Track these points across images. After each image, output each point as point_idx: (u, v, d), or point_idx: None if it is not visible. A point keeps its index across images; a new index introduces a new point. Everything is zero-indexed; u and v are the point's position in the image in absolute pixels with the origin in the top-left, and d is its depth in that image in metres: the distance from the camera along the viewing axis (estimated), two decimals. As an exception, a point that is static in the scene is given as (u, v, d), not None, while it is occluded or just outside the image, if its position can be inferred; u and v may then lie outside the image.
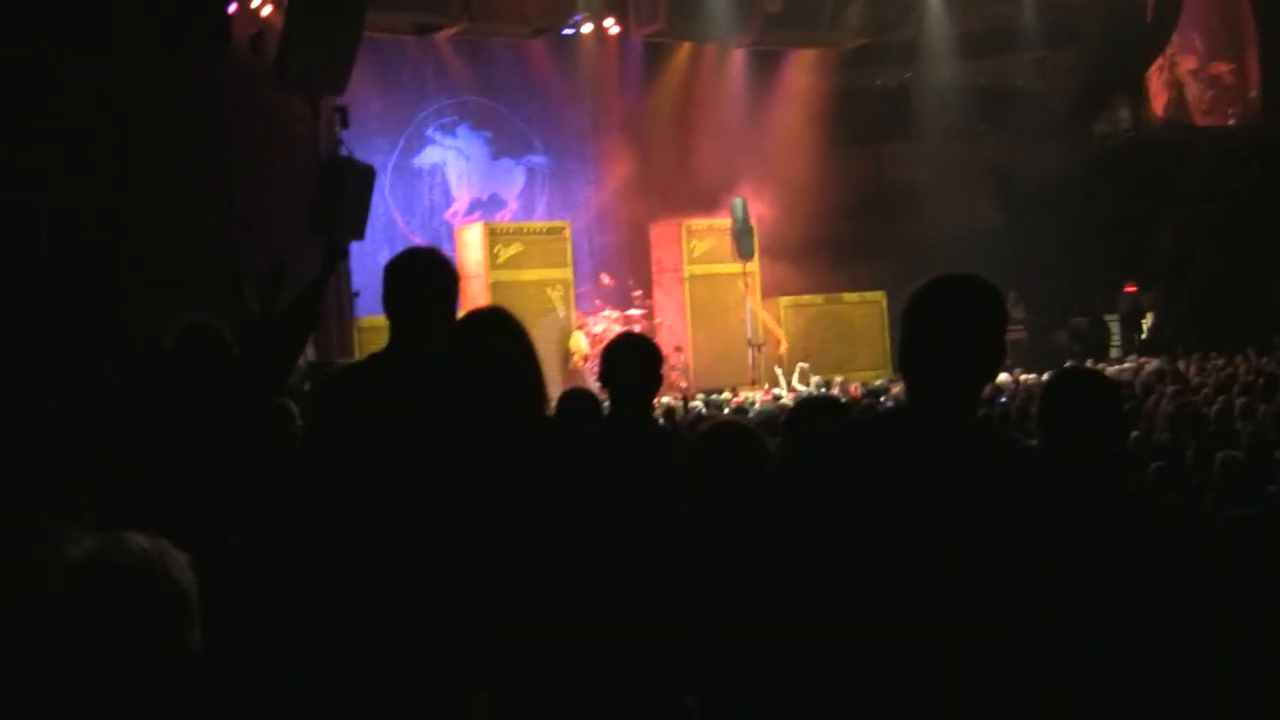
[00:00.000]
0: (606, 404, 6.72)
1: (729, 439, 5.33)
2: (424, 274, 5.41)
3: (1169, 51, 32.22)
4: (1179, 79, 32.98)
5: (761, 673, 3.95)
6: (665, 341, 24.26)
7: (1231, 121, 32.88)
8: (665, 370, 6.86)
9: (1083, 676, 3.68)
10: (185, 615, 2.58)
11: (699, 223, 25.88)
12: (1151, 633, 4.17)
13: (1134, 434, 12.39)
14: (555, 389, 5.56)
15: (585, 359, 23.30)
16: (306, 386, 14.02)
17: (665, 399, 20.15)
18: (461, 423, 4.77)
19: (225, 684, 2.80)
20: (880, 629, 3.46)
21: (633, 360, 6.51)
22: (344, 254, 7.00)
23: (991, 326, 3.98)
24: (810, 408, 6.48)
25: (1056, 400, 4.59)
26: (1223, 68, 33.16)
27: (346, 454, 5.17)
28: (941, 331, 3.91)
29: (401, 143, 25.54)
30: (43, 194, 17.11)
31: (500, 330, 4.88)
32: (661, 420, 6.87)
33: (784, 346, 26.07)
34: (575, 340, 24.08)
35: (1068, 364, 22.97)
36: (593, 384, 22.29)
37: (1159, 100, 32.78)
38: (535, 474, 4.69)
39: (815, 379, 24.26)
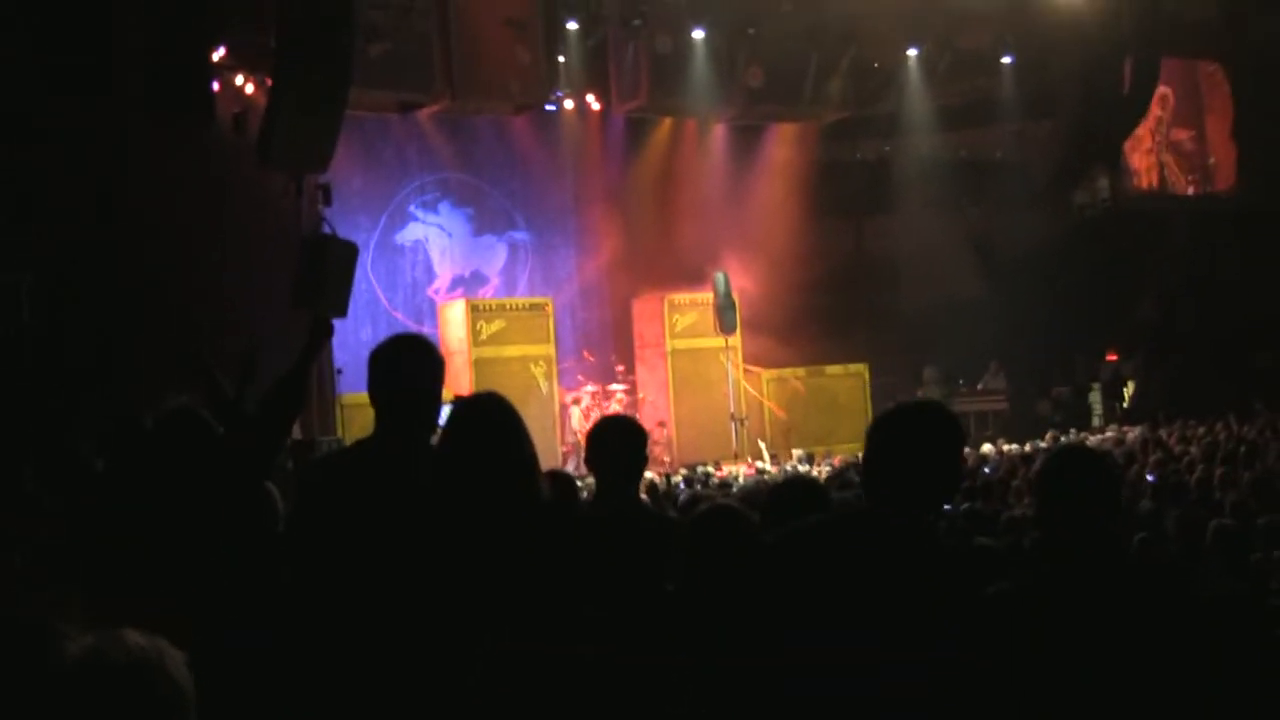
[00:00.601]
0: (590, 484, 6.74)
1: (723, 525, 5.34)
2: (410, 362, 5.42)
3: (1145, 122, 32.44)
4: (1153, 147, 33.21)
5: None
6: (648, 416, 24.30)
7: (1191, 190, 33.09)
8: (649, 447, 6.88)
9: None
10: (182, 713, 2.59)
11: (681, 297, 25.93)
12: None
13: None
14: (548, 465, 5.57)
15: (580, 436, 23.37)
16: (290, 464, 14.06)
17: (648, 474, 20.15)
18: (457, 510, 4.80)
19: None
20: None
21: (618, 441, 6.54)
22: (330, 332, 7.01)
23: (952, 450, 4.51)
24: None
25: (1052, 477, 4.62)
26: (1183, 134, 33.40)
27: (334, 541, 5.19)
28: (906, 454, 4.40)
29: (384, 219, 25.59)
30: (25, 269, 17.15)
31: (494, 417, 4.91)
32: (645, 496, 6.90)
33: (781, 415, 26.11)
34: (577, 418, 24.11)
35: (1050, 435, 23.05)
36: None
37: (1137, 170, 32.98)
38: (527, 556, 4.71)
39: (798, 452, 24.28)
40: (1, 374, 17.15)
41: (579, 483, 17.39)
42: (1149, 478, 16.79)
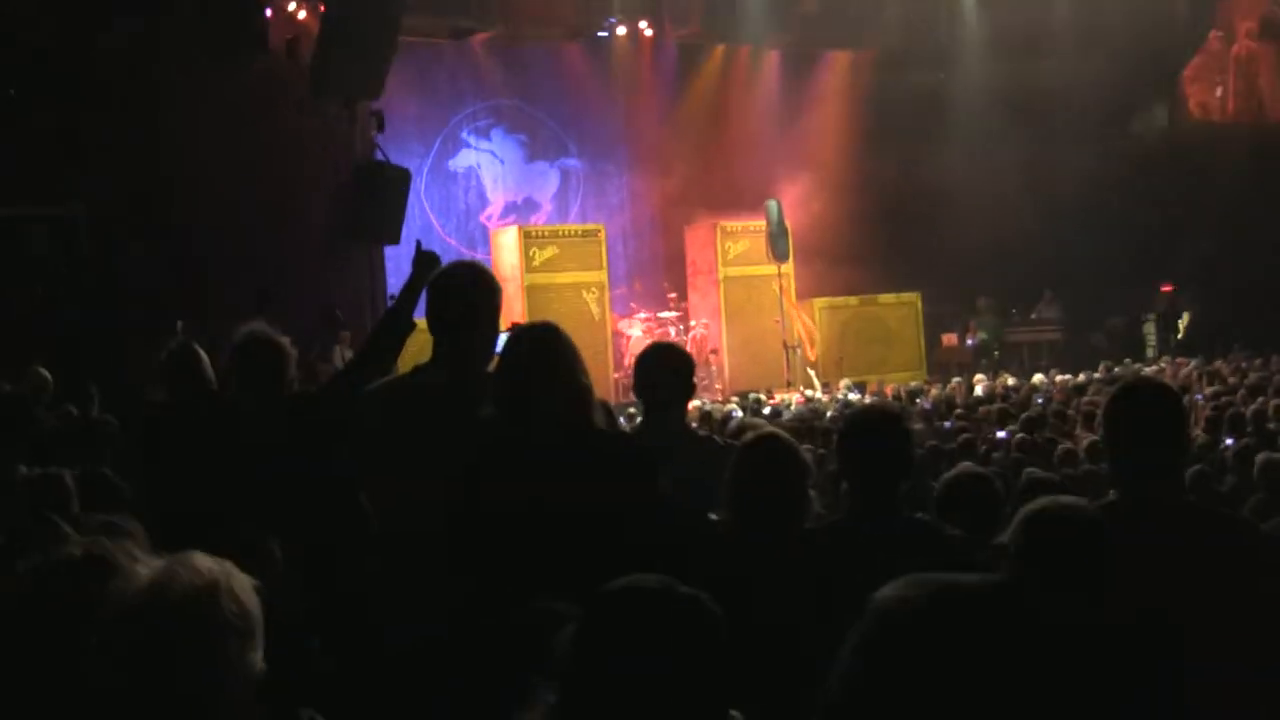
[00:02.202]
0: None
1: (767, 453, 5.34)
2: (470, 289, 5.42)
3: (1203, 50, 32.11)
4: (1211, 76, 32.86)
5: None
6: (701, 344, 24.28)
7: (1249, 118, 32.76)
8: (699, 374, 6.87)
9: None
10: (249, 636, 2.61)
11: (734, 224, 25.84)
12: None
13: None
14: (601, 393, 5.58)
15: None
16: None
17: (702, 400, 20.18)
18: (513, 438, 4.81)
19: (289, 703, 2.82)
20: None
21: (664, 368, 6.52)
22: (435, 262, 7.01)
23: (906, 451, 5.06)
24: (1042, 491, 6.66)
25: (1121, 410, 4.57)
26: (1242, 63, 33.00)
27: (396, 468, 5.21)
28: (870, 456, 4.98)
29: (437, 146, 25.60)
30: (79, 201, 17.23)
31: (550, 346, 4.91)
32: (697, 425, 6.89)
33: (814, 354, 26.01)
34: (638, 345, 24.03)
35: (1103, 366, 22.94)
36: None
37: (1194, 99, 32.67)
38: (584, 485, 4.72)
39: (845, 381, 24.23)
40: (63, 303, 17.27)
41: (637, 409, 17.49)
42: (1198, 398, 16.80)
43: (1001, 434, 14.34)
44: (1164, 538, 4.34)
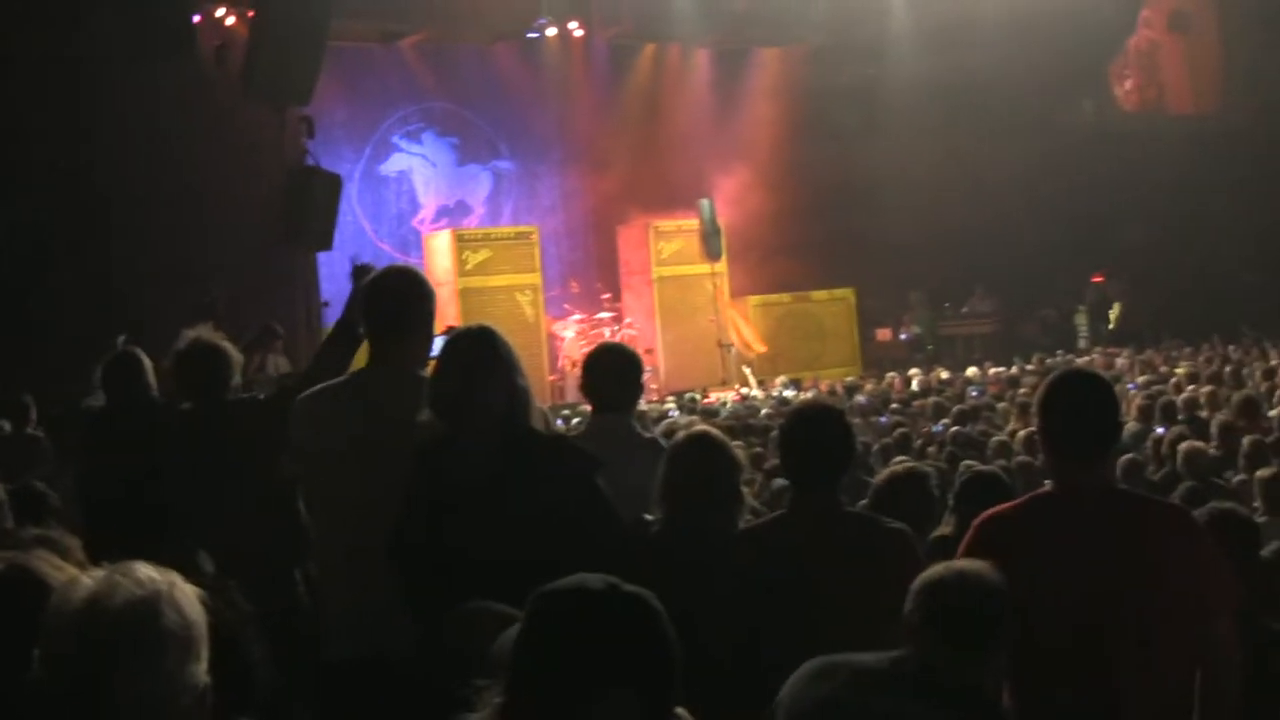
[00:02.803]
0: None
1: (701, 450, 5.38)
2: (404, 293, 5.42)
3: (1130, 40, 32.42)
4: (1139, 67, 33.18)
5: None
6: (634, 344, 24.28)
7: (1177, 110, 33.18)
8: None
9: None
10: (191, 647, 2.59)
11: (667, 224, 25.87)
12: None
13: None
14: (537, 395, 5.58)
15: (575, 365, 23.36)
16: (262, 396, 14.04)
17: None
18: (451, 442, 4.81)
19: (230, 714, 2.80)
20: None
21: (614, 369, 6.55)
22: (366, 272, 7.05)
23: (847, 445, 5.18)
24: (981, 485, 6.85)
25: (1055, 401, 4.61)
26: (1169, 54, 33.38)
27: (332, 475, 5.21)
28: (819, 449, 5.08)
29: (368, 150, 25.50)
30: (10, 212, 17.07)
31: (486, 350, 4.91)
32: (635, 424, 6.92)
33: (754, 351, 26.08)
34: (571, 345, 24.06)
35: (1036, 358, 23.09)
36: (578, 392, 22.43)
37: (1122, 90, 32.96)
38: (523, 487, 4.74)
39: (781, 378, 24.31)
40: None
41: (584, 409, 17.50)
42: (1130, 387, 16.98)
43: (937, 428, 14.44)
44: (1098, 526, 4.39)
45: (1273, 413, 13.22)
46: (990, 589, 3.93)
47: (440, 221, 26.10)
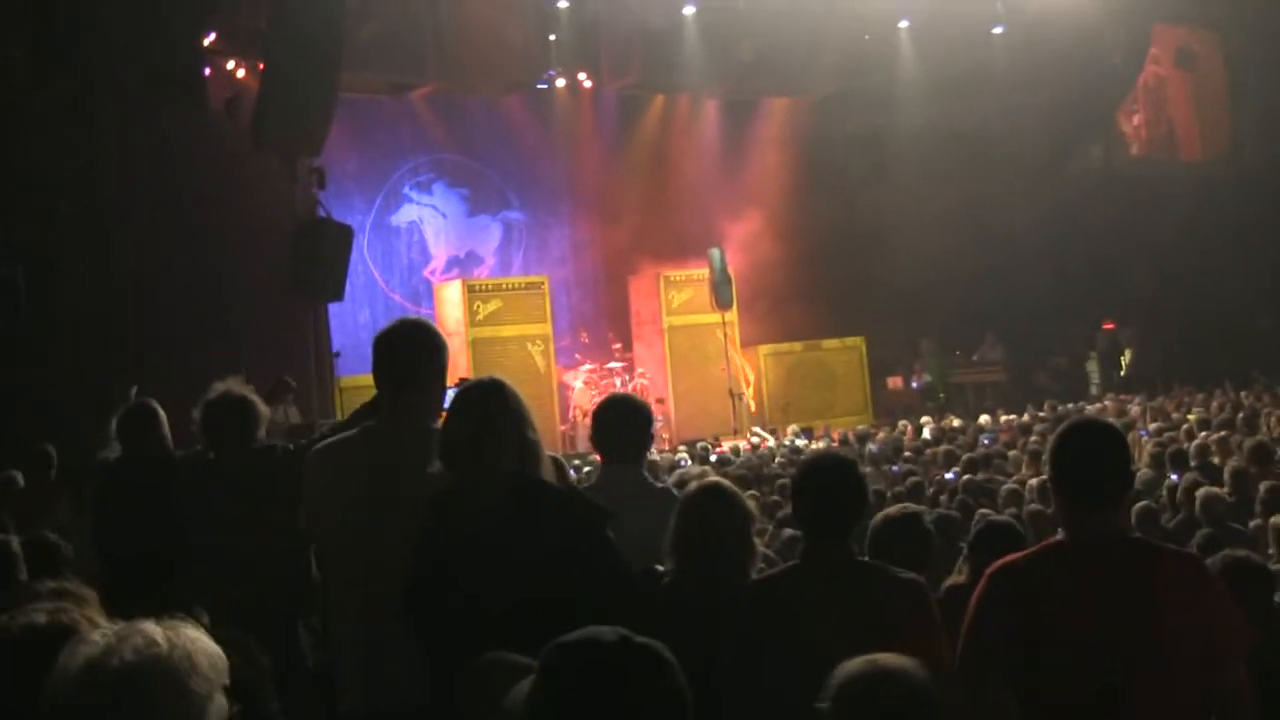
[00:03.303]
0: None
1: (713, 501, 5.38)
2: (416, 345, 5.41)
3: (1140, 77, 32.49)
4: (1147, 114, 33.26)
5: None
6: (645, 394, 24.29)
7: (1185, 155, 33.22)
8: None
9: None
10: (203, 704, 2.57)
11: (677, 273, 25.89)
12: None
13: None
14: (547, 445, 5.58)
15: (586, 414, 23.39)
16: (290, 447, 14.04)
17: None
18: (465, 494, 4.81)
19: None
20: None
21: (623, 419, 6.55)
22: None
23: (863, 497, 5.20)
24: (995, 534, 6.89)
25: (1067, 450, 4.60)
26: (1177, 100, 33.49)
27: (344, 527, 5.21)
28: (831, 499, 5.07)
29: (379, 201, 25.59)
30: (16, 262, 17.09)
31: (498, 401, 4.91)
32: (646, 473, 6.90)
33: (751, 404, 26.06)
34: (581, 395, 24.11)
35: (1048, 405, 23.05)
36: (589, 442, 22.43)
37: (1131, 137, 33.02)
38: (535, 539, 4.73)
39: (793, 426, 24.29)
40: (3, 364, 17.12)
41: (594, 458, 17.49)
42: (1142, 433, 16.95)
43: (949, 476, 14.41)
44: (1110, 575, 4.38)
45: (1283, 459, 13.17)
46: (909, 692, 3.79)
47: (451, 272, 26.17)
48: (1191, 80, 33.27)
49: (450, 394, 5.46)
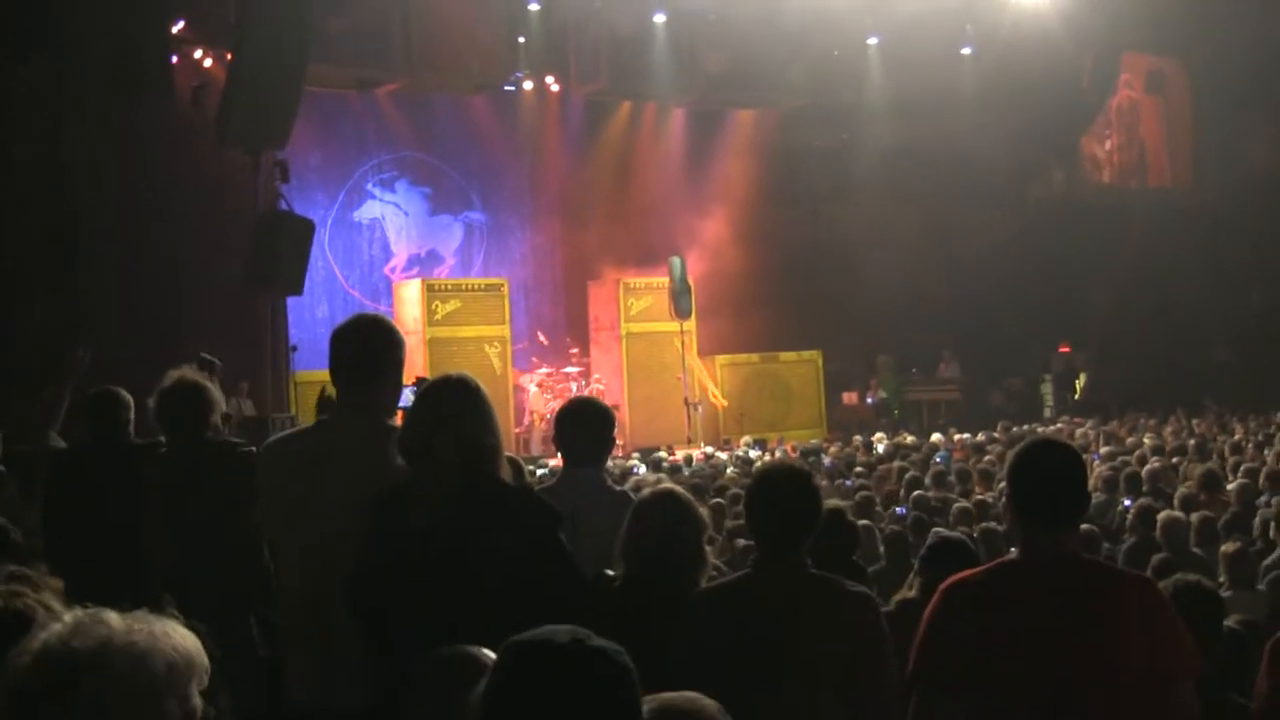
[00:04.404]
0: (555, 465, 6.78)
1: (666, 507, 5.38)
2: (375, 341, 5.39)
3: (1112, 100, 32.70)
4: (1111, 141, 33.47)
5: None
6: (601, 399, 24.24)
7: (1147, 184, 33.48)
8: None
9: None
10: (159, 693, 2.52)
11: (637, 281, 25.89)
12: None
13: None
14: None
15: (542, 418, 23.40)
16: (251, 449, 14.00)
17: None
18: (425, 492, 4.79)
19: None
20: None
21: (586, 422, 6.55)
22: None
23: (815, 508, 5.12)
24: (948, 550, 6.90)
25: (1025, 468, 4.62)
26: (1141, 129, 33.72)
27: (300, 524, 5.18)
28: (785, 511, 5.08)
29: (341, 197, 25.53)
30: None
31: (464, 399, 4.89)
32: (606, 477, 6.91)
33: (721, 404, 26.10)
34: (535, 399, 24.11)
35: (1001, 425, 23.14)
36: (543, 443, 22.44)
37: (1093, 164, 33.20)
38: (495, 538, 4.71)
39: (746, 438, 24.31)
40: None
41: (546, 461, 17.49)
42: (1094, 457, 17.04)
43: (900, 510, 14.41)
44: (1064, 594, 4.40)
45: (1231, 487, 13.25)
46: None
47: (411, 270, 26.12)
48: (1162, 105, 33.52)
49: (407, 392, 5.45)
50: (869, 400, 29.19)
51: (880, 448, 21.43)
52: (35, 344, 17.17)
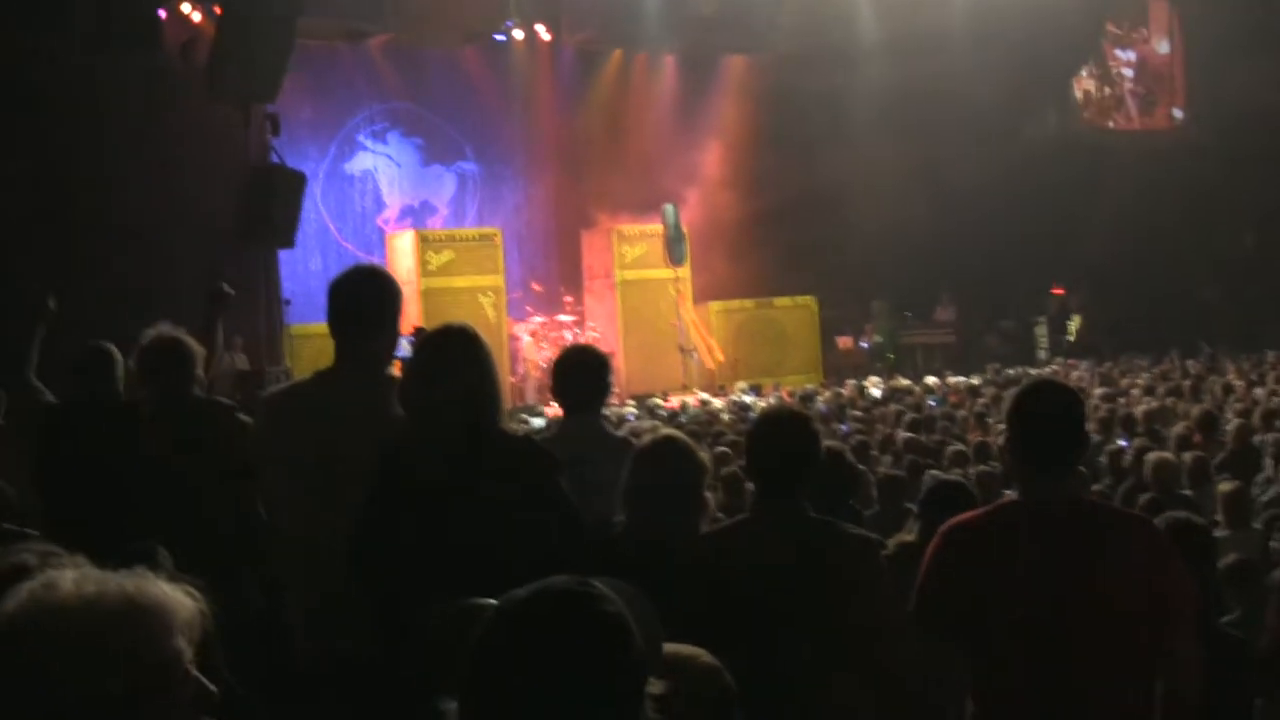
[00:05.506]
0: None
1: (667, 453, 5.38)
2: (372, 292, 5.40)
3: (1095, 55, 32.67)
4: (1103, 81, 33.43)
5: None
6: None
7: (1139, 123, 33.45)
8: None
9: None
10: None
11: (630, 228, 25.84)
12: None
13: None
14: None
15: (536, 367, 23.39)
16: (238, 396, 13.99)
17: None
18: (430, 441, 4.80)
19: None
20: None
21: (583, 370, 6.57)
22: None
23: (814, 451, 5.19)
24: (947, 493, 6.89)
25: (1025, 410, 4.63)
26: (1132, 69, 33.70)
27: (304, 473, 5.18)
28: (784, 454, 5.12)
29: (333, 149, 25.44)
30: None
31: (464, 349, 4.90)
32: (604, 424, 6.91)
33: (716, 360, 26.08)
34: (529, 348, 24.09)
35: (991, 368, 23.17)
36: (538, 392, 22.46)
37: (1085, 103, 33.15)
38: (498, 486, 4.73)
39: (741, 384, 24.34)
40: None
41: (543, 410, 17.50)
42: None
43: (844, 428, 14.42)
44: (1064, 535, 4.42)
45: (1227, 427, 13.29)
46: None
47: (404, 221, 26.06)
48: (1148, 52, 33.48)
49: (404, 342, 5.46)
50: (864, 345, 29.18)
51: (876, 392, 21.47)
52: (16, 301, 17.12)
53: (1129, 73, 33.81)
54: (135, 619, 2.45)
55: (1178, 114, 33.77)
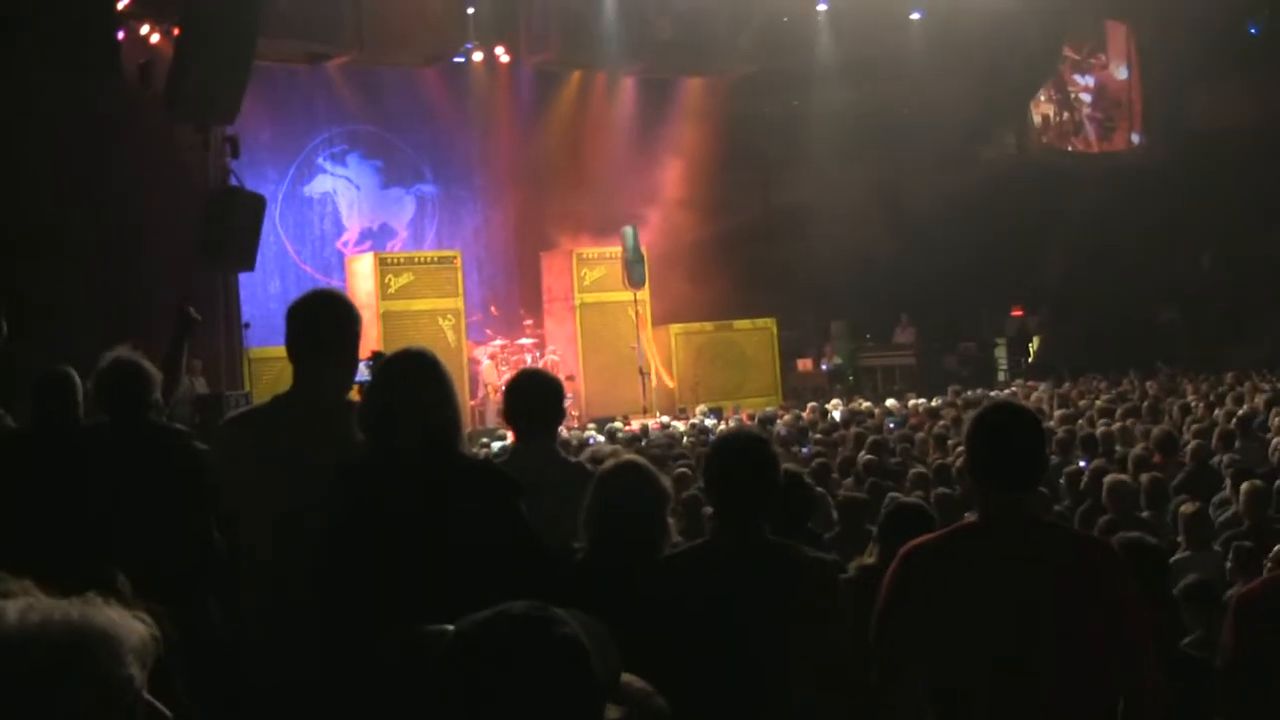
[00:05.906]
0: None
1: (629, 479, 5.36)
2: (330, 316, 5.38)
3: (1053, 79, 32.86)
4: (1060, 104, 33.61)
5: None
6: (557, 371, 24.25)
7: (1096, 147, 33.64)
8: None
9: None
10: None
11: (590, 251, 25.89)
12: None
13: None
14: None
15: (496, 390, 23.35)
16: (196, 419, 13.95)
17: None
18: (387, 465, 4.78)
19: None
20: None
21: (536, 394, 6.55)
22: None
23: (773, 475, 5.07)
24: (906, 515, 6.88)
25: (983, 432, 4.63)
26: (1089, 92, 33.90)
27: (263, 502, 5.15)
28: (742, 478, 5.02)
29: (292, 171, 25.41)
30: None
31: (424, 373, 4.88)
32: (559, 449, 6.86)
33: (666, 384, 26.09)
34: (489, 371, 24.07)
35: (952, 390, 23.22)
36: (498, 416, 22.41)
37: (1043, 126, 33.32)
38: (455, 511, 4.71)
39: (701, 406, 24.35)
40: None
41: (503, 433, 17.41)
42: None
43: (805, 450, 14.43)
44: (1024, 557, 4.42)
45: (1186, 448, 13.33)
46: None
47: (364, 244, 26.05)
48: (1105, 77, 33.69)
49: (362, 366, 5.44)
50: (824, 367, 29.25)
51: (836, 414, 21.49)
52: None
53: (1087, 97, 34.04)
54: (81, 648, 2.38)
55: (1135, 138, 34.01)
